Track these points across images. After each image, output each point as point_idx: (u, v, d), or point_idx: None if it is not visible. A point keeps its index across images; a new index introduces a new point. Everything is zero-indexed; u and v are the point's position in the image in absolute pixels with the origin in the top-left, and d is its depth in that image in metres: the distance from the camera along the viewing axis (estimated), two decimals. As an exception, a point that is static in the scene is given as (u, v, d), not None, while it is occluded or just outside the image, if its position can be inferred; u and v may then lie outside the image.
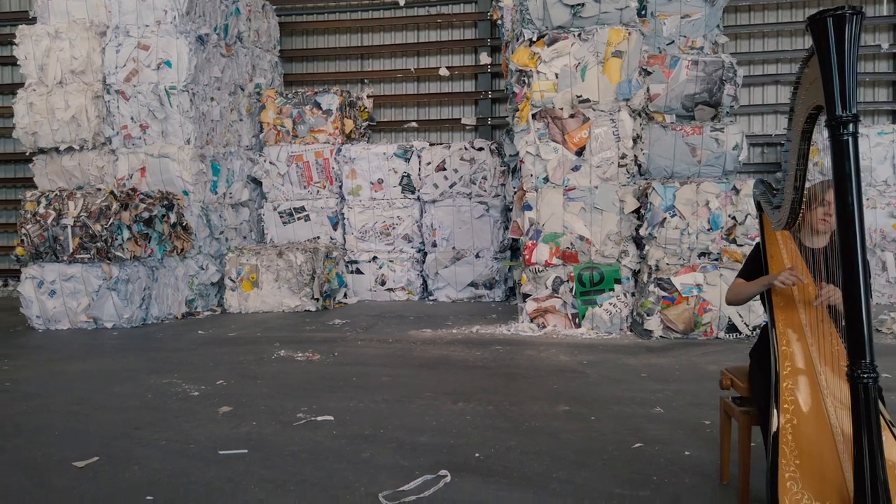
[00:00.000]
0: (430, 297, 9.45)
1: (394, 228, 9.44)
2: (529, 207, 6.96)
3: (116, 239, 7.26)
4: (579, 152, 6.84)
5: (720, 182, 6.54)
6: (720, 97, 7.55)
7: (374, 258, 9.50)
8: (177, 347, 6.42)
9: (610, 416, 4.15)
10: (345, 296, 9.28)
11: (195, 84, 8.49)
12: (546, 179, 6.91)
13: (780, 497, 2.31)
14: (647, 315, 6.60)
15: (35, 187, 8.79)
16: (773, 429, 2.45)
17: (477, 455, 3.54)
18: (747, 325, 6.48)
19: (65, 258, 7.24)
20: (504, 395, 4.66)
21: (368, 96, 10.81)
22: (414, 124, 10.89)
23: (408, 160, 9.36)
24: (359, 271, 9.54)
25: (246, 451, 3.63)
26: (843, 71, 2.14)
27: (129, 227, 7.38)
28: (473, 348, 6.21)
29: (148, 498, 3.05)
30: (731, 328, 6.51)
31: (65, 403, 4.58)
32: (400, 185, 9.40)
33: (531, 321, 7.02)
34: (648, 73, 6.88)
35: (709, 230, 6.52)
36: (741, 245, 6.48)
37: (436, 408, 4.37)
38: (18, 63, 8.69)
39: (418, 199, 9.41)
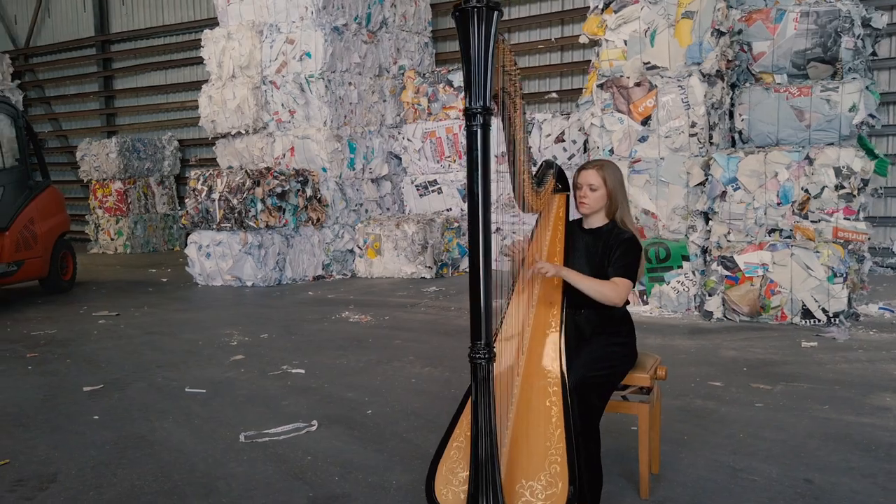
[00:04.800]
0: (552, 269, 9.53)
1: (517, 200, 9.64)
2: (595, 180, 6.81)
3: (250, 211, 8.54)
4: (645, 122, 6.53)
5: (792, 151, 5.85)
6: (836, 52, 6.61)
7: (498, 229, 9.81)
8: (274, 305, 7.49)
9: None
10: (469, 265, 9.74)
11: (331, 71, 9.48)
12: (611, 151, 6.71)
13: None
14: (710, 295, 6.19)
15: (218, 166, 10.51)
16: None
17: (369, 412, 3.92)
18: (825, 311, 5.78)
19: (213, 226, 8.70)
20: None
21: (511, 70, 10.99)
22: (554, 95, 10.88)
23: (528, 132, 9.47)
24: (485, 241, 9.92)
25: (205, 391, 4.40)
26: (471, 63, 2.19)
27: (262, 201, 8.62)
28: (518, 319, 6.37)
29: (94, 417, 3.95)
30: (807, 313, 5.86)
31: (138, 344, 5.77)
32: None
33: (600, 296, 6.91)
34: (722, 34, 6.28)
35: (778, 204, 5.90)
36: (816, 221, 5.77)
37: (399, 370, 4.76)
38: (204, 62, 10.40)
39: (539, 171, 9.49)
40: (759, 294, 5.97)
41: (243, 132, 10.09)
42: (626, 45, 6.62)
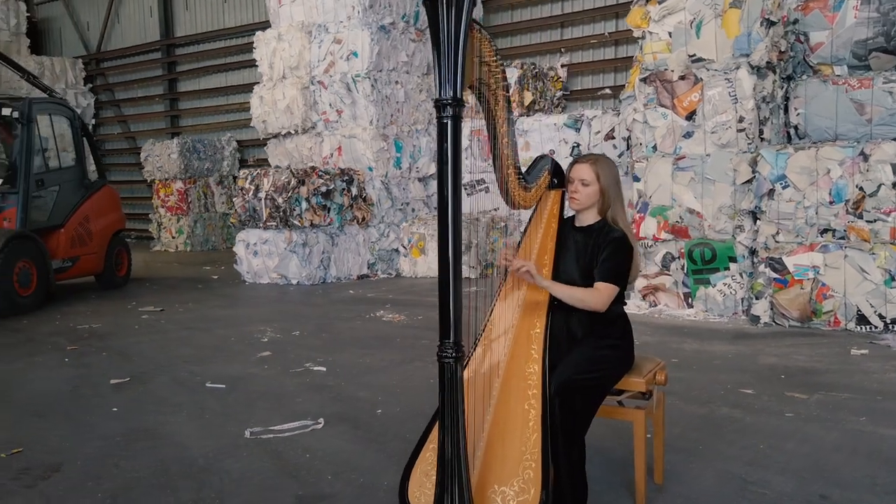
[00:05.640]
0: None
1: (565, 199, 9.45)
2: (637, 178, 6.59)
3: (295, 210, 8.62)
4: (690, 117, 6.26)
5: (845, 147, 5.49)
6: (901, 40, 6.19)
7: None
8: (313, 303, 7.53)
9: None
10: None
11: (377, 70, 9.49)
12: (655, 148, 6.46)
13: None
14: (757, 298, 5.88)
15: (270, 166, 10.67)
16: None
17: (379, 412, 3.87)
18: (882, 317, 5.41)
19: (260, 225, 8.83)
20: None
21: (563, 65, 10.80)
22: (607, 91, 10.60)
23: (578, 130, 9.26)
24: (532, 241, 9.76)
25: (224, 386, 4.43)
26: (441, 52, 2.10)
27: (307, 200, 8.70)
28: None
29: (113, 409, 4.02)
30: (862, 319, 5.49)
31: (173, 339, 5.87)
32: (570, 155, 9.36)
33: (642, 298, 6.68)
34: (773, 24, 5.94)
35: (830, 203, 5.54)
36: (872, 221, 5.40)
37: (418, 371, 4.69)
38: (256, 64, 10.58)
39: (588, 169, 9.27)
40: (810, 298, 5.63)
41: (293, 132, 10.21)
42: (670, 37, 6.36)
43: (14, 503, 2.82)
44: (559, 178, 2.87)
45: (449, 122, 2.08)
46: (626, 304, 2.75)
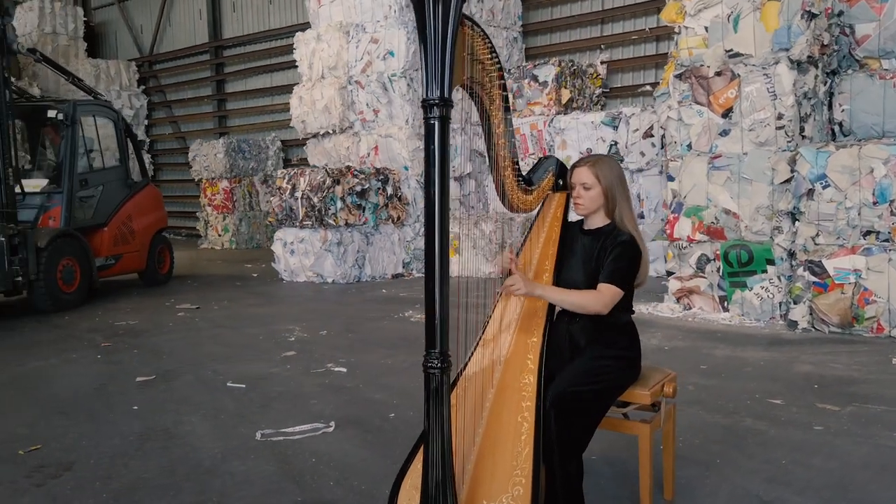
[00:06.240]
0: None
1: (603, 198, 9.27)
2: (671, 178, 6.40)
3: (330, 209, 8.67)
4: (726, 114, 6.05)
5: (890, 144, 5.22)
6: (954, 31, 5.87)
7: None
8: (345, 302, 7.55)
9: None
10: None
11: (414, 70, 9.47)
12: (690, 147, 6.27)
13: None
14: (795, 303, 5.65)
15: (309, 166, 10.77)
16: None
17: (392, 415, 3.83)
18: (929, 324, 5.14)
19: (297, 224, 8.90)
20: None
21: (602, 62, 10.60)
22: (648, 87, 10.36)
23: (616, 128, 9.07)
24: (569, 241, 9.61)
25: (244, 386, 4.46)
26: (427, 49, 2.04)
27: (342, 199, 8.73)
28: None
29: (134, 407, 4.08)
30: (907, 325, 5.23)
31: (203, 337, 5.96)
32: (608, 154, 9.18)
33: (676, 301, 6.50)
34: (814, 16, 5.68)
35: (874, 204, 5.28)
36: (919, 222, 5.12)
37: (438, 372, 4.63)
38: (296, 64, 10.69)
39: (627, 168, 9.08)
40: (851, 303, 5.38)
41: (331, 132, 10.28)
42: (706, 31, 6.16)
43: (22, 502, 2.88)
44: (565, 180, 2.78)
45: (436, 123, 2.01)
46: (633, 312, 2.64)
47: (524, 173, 2.66)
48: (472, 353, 2.53)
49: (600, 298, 2.39)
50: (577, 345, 2.53)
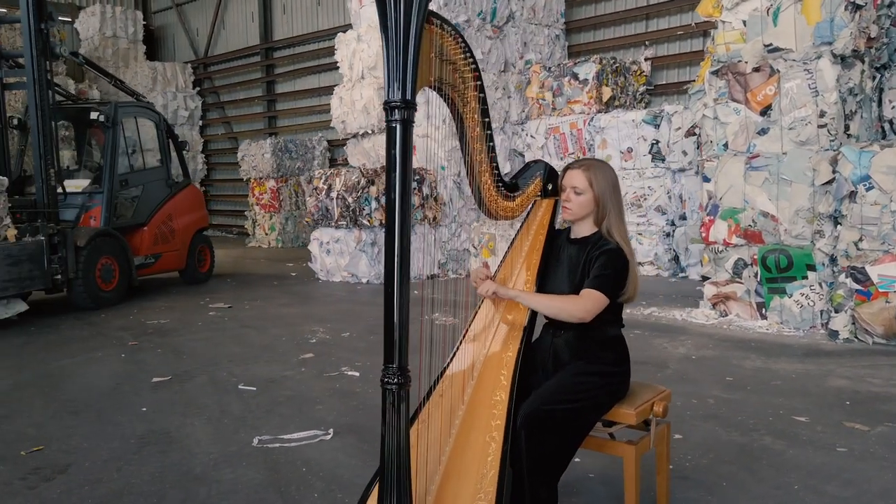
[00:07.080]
0: (682, 274, 8.79)
1: (645, 199, 9.01)
2: (707, 179, 6.14)
3: (364, 209, 8.65)
4: (765, 112, 5.75)
5: (940, 143, 4.87)
6: None
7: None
8: (374, 303, 7.51)
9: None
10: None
11: (451, 68, 9.36)
12: (726, 146, 5.99)
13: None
14: (836, 311, 5.34)
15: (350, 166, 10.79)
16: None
17: (393, 424, 3.74)
18: (983, 337, 4.77)
19: (332, 224, 8.92)
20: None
21: (646, 59, 10.29)
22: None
23: (657, 126, 8.79)
24: (609, 243, 9.36)
25: (255, 388, 4.45)
26: (389, 49, 1.94)
27: (376, 199, 8.70)
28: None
29: (143, 409, 4.11)
30: (959, 338, 4.87)
31: (227, 337, 6.00)
32: (650, 153, 8.90)
33: (712, 307, 6.23)
34: (859, 8, 5.33)
35: (922, 207, 4.93)
36: (972, 227, 4.76)
37: (450, 379, 4.54)
38: (338, 65, 10.72)
39: (668, 167, 8.79)
40: (897, 313, 5.05)
41: (370, 132, 10.28)
42: (745, 25, 5.87)
43: (10, 504, 2.91)
44: (555, 185, 2.65)
45: (398, 127, 1.90)
46: (623, 325, 2.48)
47: (522, 176, 2.56)
48: (446, 367, 2.43)
49: (582, 303, 2.25)
50: (561, 360, 2.40)
